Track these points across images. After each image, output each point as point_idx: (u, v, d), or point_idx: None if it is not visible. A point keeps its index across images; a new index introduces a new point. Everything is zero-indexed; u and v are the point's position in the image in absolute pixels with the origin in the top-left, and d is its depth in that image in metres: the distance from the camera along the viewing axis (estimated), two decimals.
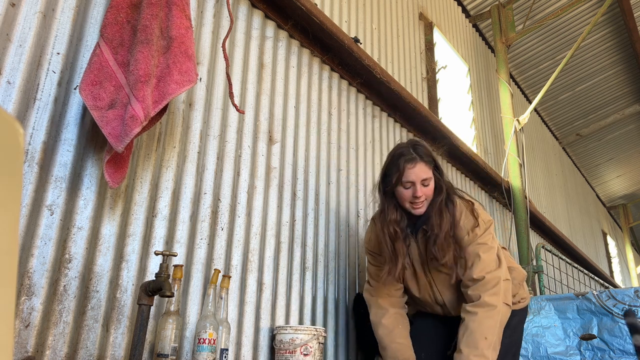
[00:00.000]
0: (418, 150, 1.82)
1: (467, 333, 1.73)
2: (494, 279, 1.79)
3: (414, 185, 1.80)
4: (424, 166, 1.80)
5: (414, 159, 1.79)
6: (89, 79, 1.43)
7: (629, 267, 11.32)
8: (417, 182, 1.80)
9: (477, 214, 1.87)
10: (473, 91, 5.22)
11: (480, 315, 1.74)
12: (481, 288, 1.78)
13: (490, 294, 1.76)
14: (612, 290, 2.70)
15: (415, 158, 1.80)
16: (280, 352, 1.87)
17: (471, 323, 1.74)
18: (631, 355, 2.49)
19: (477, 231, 1.85)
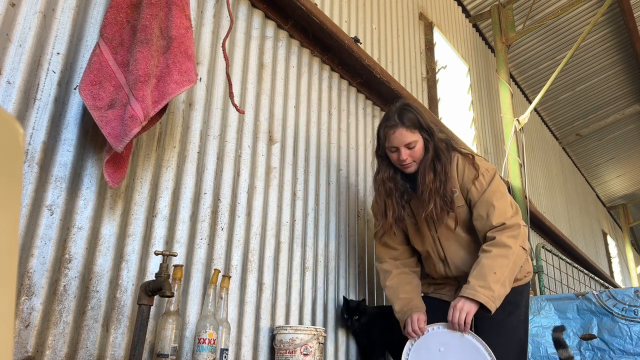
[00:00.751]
0: (402, 115, 1.90)
1: (478, 267, 1.77)
2: (514, 225, 1.83)
3: (399, 150, 1.90)
4: (406, 131, 1.88)
5: (395, 125, 1.89)
6: (89, 79, 1.43)
7: (629, 267, 11.32)
8: (401, 147, 1.89)
9: (478, 165, 1.93)
10: (473, 91, 5.22)
11: (493, 252, 1.78)
12: (499, 232, 1.82)
13: (508, 236, 1.80)
14: (612, 290, 2.70)
15: (396, 124, 1.89)
16: (280, 352, 1.87)
17: (483, 259, 1.78)
18: (631, 356, 2.49)
19: (482, 180, 1.90)
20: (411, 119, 1.89)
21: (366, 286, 2.68)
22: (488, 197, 1.87)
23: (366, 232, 2.79)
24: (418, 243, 2.07)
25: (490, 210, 1.85)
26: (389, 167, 2.01)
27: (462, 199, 1.94)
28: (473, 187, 1.90)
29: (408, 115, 1.90)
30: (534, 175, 6.48)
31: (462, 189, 1.93)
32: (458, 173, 1.93)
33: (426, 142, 1.91)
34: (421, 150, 1.91)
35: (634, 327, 2.53)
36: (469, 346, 1.77)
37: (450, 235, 1.97)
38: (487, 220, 1.85)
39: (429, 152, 1.91)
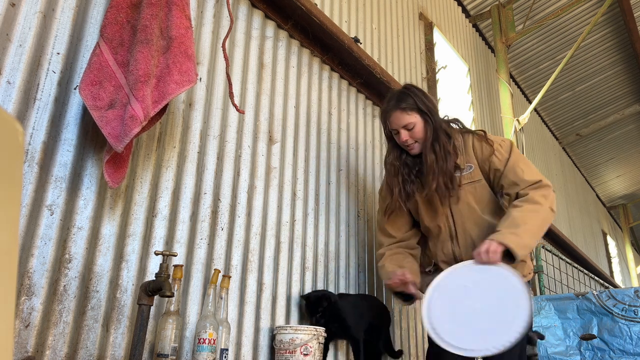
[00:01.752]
0: (400, 99, 1.95)
1: (509, 219, 1.78)
2: (546, 185, 1.86)
3: (399, 132, 1.96)
4: (401, 113, 1.93)
5: (391, 109, 1.96)
6: (89, 79, 1.43)
7: (629, 267, 11.32)
8: (400, 129, 1.95)
9: (492, 140, 1.97)
10: (473, 91, 5.22)
11: (525, 207, 1.79)
12: (532, 189, 1.83)
13: (540, 195, 1.82)
14: (612, 290, 2.70)
15: (392, 108, 1.96)
16: (280, 352, 1.87)
17: (514, 212, 1.79)
18: (631, 356, 2.49)
19: (501, 149, 1.94)
20: (408, 102, 1.94)
21: (366, 286, 2.68)
22: (514, 163, 1.91)
23: (366, 232, 2.79)
24: (429, 218, 2.06)
25: (519, 173, 1.88)
26: (395, 148, 2.06)
27: (479, 174, 1.96)
28: (494, 158, 1.93)
29: (405, 98, 1.95)
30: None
31: (482, 164, 1.96)
32: (475, 150, 1.97)
33: (426, 122, 1.94)
34: (422, 131, 1.94)
35: (634, 327, 2.53)
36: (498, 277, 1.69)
37: (465, 211, 1.97)
38: (520, 182, 1.86)
39: (428, 132, 1.94)
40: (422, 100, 1.96)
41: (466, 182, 1.95)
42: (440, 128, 1.95)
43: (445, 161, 1.90)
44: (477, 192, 1.96)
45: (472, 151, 1.97)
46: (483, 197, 1.97)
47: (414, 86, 2.05)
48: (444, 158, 1.91)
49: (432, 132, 1.93)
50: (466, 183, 1.95)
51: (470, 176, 1.96)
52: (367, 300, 2.38)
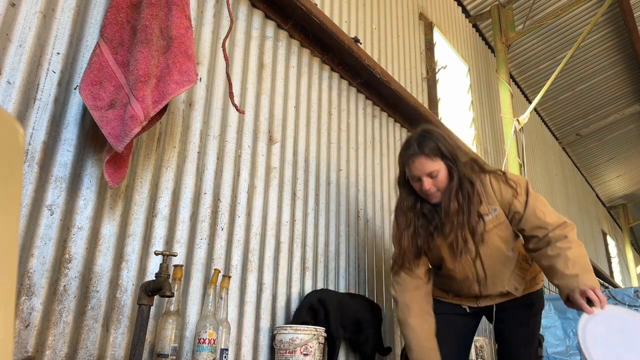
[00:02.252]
0: (422, 143, 1.80)
1: (571, 261, 1.71)
2: (571, 223, 1.83)
3: (421, 179, 1.81)
4: (426, 160, 1.78)
5: (415, 154, 1.80)
6: (89, 79, 1.43)
7: (629, 267, 11.32)
8: (423, 176, 1.80)
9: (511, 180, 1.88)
10: (473, 91, 5.22)
11: (575, 248, 1.74)
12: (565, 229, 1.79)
13: (574, 232, 1.80)
14: (612, 290, 2.69)
15: (416, 153, 1.80)
16: (280, 352, 1.87)
17: (570, 253, 1.73)
18: None
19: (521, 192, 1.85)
20: (432, 147, 1.79)
21: (366, 286, 2.68)
22: (533, 207, 1.83)
23: (366, 232, 2.79)
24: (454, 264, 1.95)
25: (540, 216, 1.82)
26: (410, 195, 1.91)
27: (503, 215, 1.88)
28: (516, 202, 1.84)
29: (428, 143, 1.80)
30: (534, 175, 6.48)
31: (503, 204, 1.87)
32: (495, 192, 1.87)
33: (450, 169, 1.81)
34: (445, 179, 1.81)
35: None
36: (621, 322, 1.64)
37: (494, 254, 1.90)
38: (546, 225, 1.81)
39: (453, 180, 1.81)
40: (445, 144, 1.82)
41: (494, 226, 1.86)
42: (464, 176, 1.82)
43: (469, 214, 1.80)
44: (503, 233, 1.89)
45: (492, 192, 1.87)
46: (508, 236, 1.91)
47: (435, 129, 1.90)
48: (467, 210, 1.80)
49: (457, 180, 1.80)
50: (494, 226, 1.86)
51: (496, 219, 1.86)
52: (353, 299, 2.35)
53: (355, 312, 2.25)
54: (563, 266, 1.71)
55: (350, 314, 2.21)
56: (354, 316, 2.23)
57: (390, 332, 2.77)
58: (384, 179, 3.08)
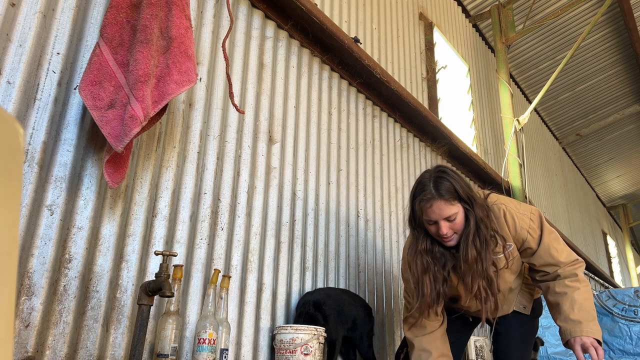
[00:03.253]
0: (439, 185, 1.70)
1: (577, 305, 1.73)
2: (582, 261, 1.84)
3: (437, 223, 1.72)
4: (444, 204, 1.69)
5: (432, 198, 1.69)
6: (89, 79, 1.43)
7: (629, 267, 11.32)
8: (440, 220, 1.71)
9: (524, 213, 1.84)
10: (473, 91, 5.22)
11: (582, 289, 1.77)
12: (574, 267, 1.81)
13: (582, 272, 1.82)
14: (612, 290, 2.70)
15: (433, 197, 1.69)
16: (280, 352, 1.87)
17: (577, 296, 1.75)
18: (631, 356, 2.49)
19: (534, 225, 1.82)
20: (449, 189, 1.70)
21: (366, 286, 2.68)
22: (547, 244, 1.81)
23: (366, 232, 2.79)
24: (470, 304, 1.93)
25: (554, 254, 1.81)
26: (425, 238, 1.81)
27: (516, 250, 1.85)
28: (529, 237, 1.81)
29: (445, 185, 1.70)
30: (534, 175, 6.47)
31: (517, 240, 1.83)
32: (509, 226, 1.81)
33: (467, 211, 1.73)
34: (462, 222, 1.73)
35: (634, 327, 2.53)
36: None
37: (503, 285, 1.90)
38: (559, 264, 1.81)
39: (470, 223, 1.73)
40: (462, 185, 1.73)
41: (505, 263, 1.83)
42: (481, 220, 1.74)
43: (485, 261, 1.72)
44: (515, 266, 1.88)
45: (506, 227, 1.81)
46: (518, 267, 1.91)
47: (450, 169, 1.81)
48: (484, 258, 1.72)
49: (474, 224, 1.72)
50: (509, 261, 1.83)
51: (510, 254, 1.82)
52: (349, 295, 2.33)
53: (351, 309, 2.25)
54: (568, 309, 1.72)
55: (346, 311, 2.21)
56: (350, 313, 2.23)
57: (381, 333, 2.77)
58: (384, 179, 3.08)
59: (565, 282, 1.78)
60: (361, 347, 2.26)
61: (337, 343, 2.11)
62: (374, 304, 2.69)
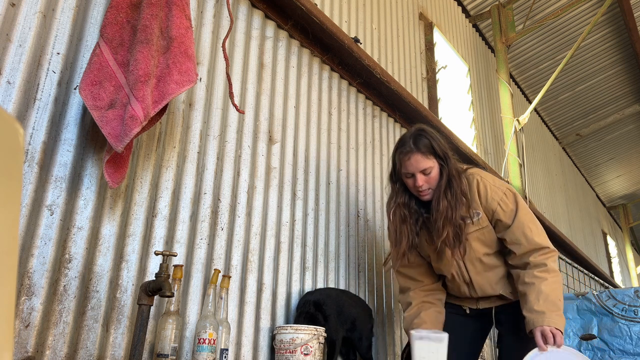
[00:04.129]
0: (417, 141, 1.87)
1: (543, 296, 1.77)
2: (554, 251, 1.87)
3: (414, 176, 1.87)
4: (420, 157, 1.85)
5: (410, 151, 1.86)
6: (89, 79, 1.43)
7: (629, 267, 11.32)
8: (417, 173, 1.86)
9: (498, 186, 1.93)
10: (473, 91, 5.22)
11: (550, 280, 1.79)
12: (545, 256, 1.83)
13: (553, 261, 1.84)
14: (612, 290, 2.70)
15: (411, 150, 1.86)
16: (280, 352, 1.87)
17: (544, 287, 1.78)
18: (631, 356, 2.49)
19: (507, 201, 1.90)
20: (426, 145, 1.86)
21: (366, 286, 2.68)
22: (521, 219, 1.86)
23: (366, 232, 2.79)
24: (441, 267, 2.02)
25: (527, 232, 1.85)
26: (404, 193, 1.97)
27: (486, 220, 1.92)
28: (499, 208, 1.88)
29: (423, 141, 1.87)
30: (534, 175, 6.47)
31: (487, 210, 1.91)
32: (480, 196, 1.91)
33: (441, 167, 1.88)
34: (437, 177, 1.88)
35: (634, 327, 2.53)
36: None
37: (475, 258, 1.94)
38: (528, 243, 1.84)
39: (442, 178, 1.88)
40: (439, 143, 1.89)
41: (475, 230, 1.92)
42: (454, 175, 1.88)
43: (456, 210, 1.85)
44: (486, 237, 1.93)
45: (477, 196, 1.92)
46: (491, 241, 1.94)
47: (429, 128, 1.97)
48: (454, 207, 1.85)
49: (446, 178, 1.87)
50: (475, 230, 1.92)
51: (478, 223, 1.91)
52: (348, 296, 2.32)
53: (350, 309, 2.24)
54: (534, 300, 1.77)
55: (346, 311, 2.21)
56: (350, 313, 2.22)
57: (382, 333, 2.77)
58: (384, 179, 3.08)
59: (534, 273, 1.82)
60: (360, 347, 2.25)
61: (337, 343, 2.11)
62: (374, 304, 2.69)
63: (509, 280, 1.97)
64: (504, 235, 1.90)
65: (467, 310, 2.07)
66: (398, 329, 2.83)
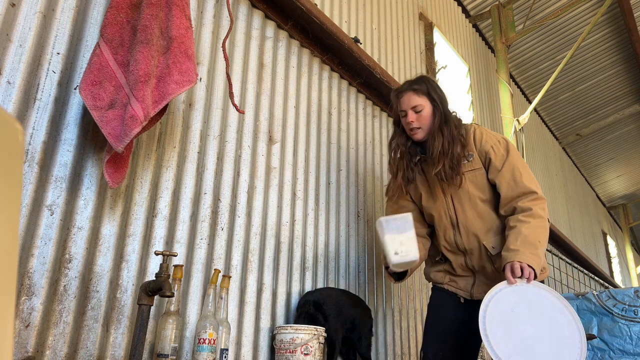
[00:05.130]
0: (413, 82, 2.03)
1: (521, 237, 1.79)
2: (543, 198, 1.90)
3: (407, 113, 2.00)
4: (413, 94, 1.99)
5: (404, 90, 2.02)
6: (89, 79, 1.43)
7: (629, 267, 11.32)
8: (408, 110, 1.99)
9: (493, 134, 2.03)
10: (473, 91, 5.22)
11: (533, 224, 1.81)
12: (532, 202, 1.87)
13: (541, 208, 1.87)
14: (612, 290, 2.70)
15: (405, 89, 2.02)
16: (280, 352, 1.87)
17: (525, 229, 1.80)
18: (631, 356, 2.49)
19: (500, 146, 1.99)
20: (420, 86, 2.00)
21: (366, 286, 2.68)
22: (512, 165, 1.94)
23: (366, 232, 2.79)
24: (431, 205, 2.10)
25: (517, 175, 1.91)
26: (402, 133, 2.09)
27: (479, 162, 2.00)
28: (491, 151, 1.97)
29: (419, 82, 2.02)
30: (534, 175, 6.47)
31: (480, 153, 2.00)
32: (475, 140, 2.01)
33: (434, 108, 1.99)
34: (429, 117, 1.99)
35: (634, 327, 2.53)
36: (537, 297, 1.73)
37: (465, 199, 2.01)
38: (517, 186, 1.90)
39: (436, 118, 1.98)
40: (435, 88, 2.02)
41: (467, 170, 1.99)
42: (447, 116, 1.99)
43: (453, 144, 1.94)
44: (478, 180, 2.00)
45: (472, 140, 2.02)
46: (483, 185, 2.00)
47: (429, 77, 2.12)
48: (451, 142, 1.94)
49: (440, 117, 1.97)
50: (467, 171, 1.99)
51: (471, 164, 2.00)
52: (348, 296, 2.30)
53: (350, 309, 2.24)
54: (513, 240, 1.80)
55: (346, 311, 2.20)
56: (349, 313, 2.22)
57: (382, 333, 2.77)
58: (384, 179, 3.08)
59: (518, 217, 1.85)
60: (360, 347, 2.25)
61: (337, 343, 2.11)
62: (374, 305, 2.69)
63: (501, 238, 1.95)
64: (494, 179, 1.96)
65: (462, 299, 2.07)
66: (398, 329, 2.83)
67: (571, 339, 1.65)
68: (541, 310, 1.71)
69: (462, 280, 2.07)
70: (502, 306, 1.70)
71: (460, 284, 2.07)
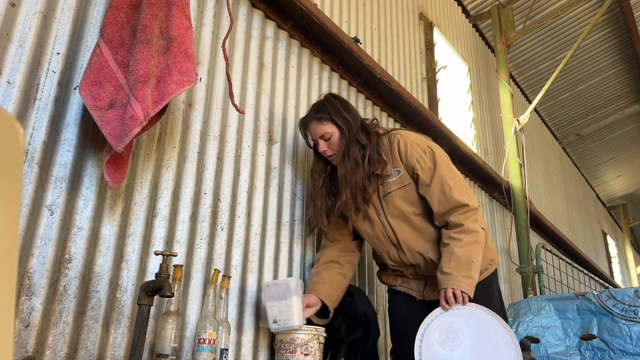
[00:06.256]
0: (317, 110, 2.00)
1: (454, 257, 1.78)
2: (475, 208, 1.87)
3: (318, 142, 2.00)
4: (318, 124, 1.98)
5: (309, 120, 2.02)
6: (89, 79, 1.43)
7: (629, 267, 11.32)
8: (317, 139, 2.00)
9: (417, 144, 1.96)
10: (473, 91, 5.22)
11: (465, 240, 1.80)
12: (463, 215, 1.84)
13: (472, 221, 1.84)
14: (612, 290, 2.70)
15: (309, 118, 2.01)
16: (280, 352, 1.87)
17: (457, 249, 1.79)
18: (631, 356, 2.49)
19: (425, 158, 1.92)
20: (323, 113, 1.97)
21: (366, 286, 2.68)
22: (441, 176, 1.88)
23: None
24: (367, 229, 2.05)
25: (446, 190, 1.87)
26: (320, 159, 2.08)
27: (408, 177, 1.95)
28: (418, 165, 1.92)
29: (322, 108, 1.99)
30: (534, 176, 6.47)
31: (407, 167, 1.95)
32: (400, 152, 1.95)
33: (341, 134, 1.96)
34: (338, 142, 1.97)
35: (634, 327, 2.53)
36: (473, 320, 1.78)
37: (402, 217, 1.97)
38: (447, 201, 1.86)
39: (341, 144, 1.96)
40: (338, 110, 1.98)
41: (396, 188, 1.95)
42: (353, 140, 1.94)
43: (353, 173, 1.90)
44: (409, 195, 1.96)
45: (398, 154, 1.96)
46: (414, 199, 1.96)
47: (334, 96, 2.07)
48: (352, 170, 1.90)
49: (345, 143, 1.94)
50: (396, 189, 1.95)
51: (399, 181, 1.95)
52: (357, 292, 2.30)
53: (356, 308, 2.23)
54: (446, 261, 1.80)
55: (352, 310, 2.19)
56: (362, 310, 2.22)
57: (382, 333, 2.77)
58: None
59: (450, 234, 1.84)
60: (365, 346, 2.25)
61: (344, 342, 2.12)
62: (374, 305, 2.69)
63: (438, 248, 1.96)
64: (424, 194, 1.92)
65: (416, 299, 2.08)
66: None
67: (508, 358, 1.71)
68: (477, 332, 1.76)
69: (413, 282, 2.09)
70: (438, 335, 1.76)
71: (412, 284, 2.09)
